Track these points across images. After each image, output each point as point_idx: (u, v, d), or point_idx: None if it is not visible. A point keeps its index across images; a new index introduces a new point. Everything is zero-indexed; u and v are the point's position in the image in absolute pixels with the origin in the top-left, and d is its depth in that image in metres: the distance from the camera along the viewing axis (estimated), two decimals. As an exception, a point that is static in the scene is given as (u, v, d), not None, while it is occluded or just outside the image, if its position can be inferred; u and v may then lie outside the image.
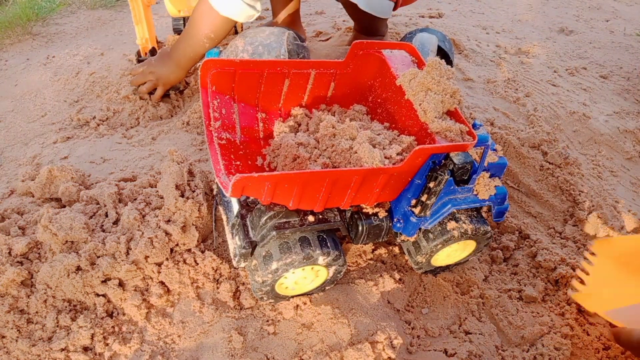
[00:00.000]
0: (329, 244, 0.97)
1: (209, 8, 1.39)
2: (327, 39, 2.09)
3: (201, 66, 0.93)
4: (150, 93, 1.62)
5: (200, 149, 1.49)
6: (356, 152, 0.88)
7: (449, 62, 1.59)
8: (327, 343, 1.02)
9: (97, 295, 1.07)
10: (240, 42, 1.39)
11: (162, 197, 1.18)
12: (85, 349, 1.01)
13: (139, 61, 1.72)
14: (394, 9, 1.63)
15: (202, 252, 1.14)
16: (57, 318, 1.03)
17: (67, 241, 1.07)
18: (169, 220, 1.11)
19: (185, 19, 1.84)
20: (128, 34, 2.10)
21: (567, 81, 2.06)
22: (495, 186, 1.02)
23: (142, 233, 1.08)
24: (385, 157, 0.88)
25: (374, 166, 0.84)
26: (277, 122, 1.06)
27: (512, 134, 1.63)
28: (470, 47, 2.17)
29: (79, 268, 1.04)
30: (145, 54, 1.70)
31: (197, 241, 1.13)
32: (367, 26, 1.80)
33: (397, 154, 0.90)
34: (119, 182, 1.25)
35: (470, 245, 1.11)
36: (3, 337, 0.99)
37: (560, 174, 1.52)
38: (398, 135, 0.99)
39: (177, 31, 1.85)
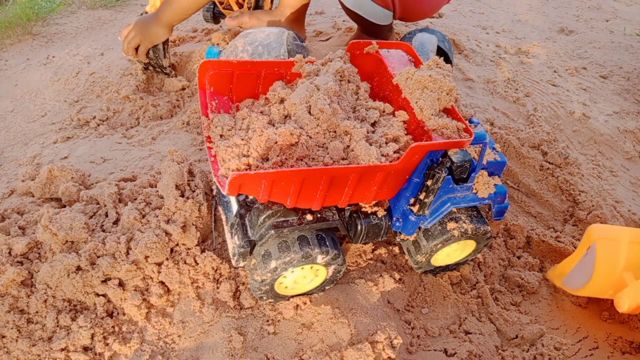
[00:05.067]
0: (327, 243, 0.97)
1: None
2: (327, 39, 2.09)
3: (199, 67, 0.93)
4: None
5: (200, 149, 1.49)
6: (353, 150, 0.88)
7: (449, 61, 1.59)
8: (327, 343, 1.02)
9: (97, 295, 1.07)
10: (240, 42, 1.39)
11: (162, 197, 1.18)
12: (85, 349, 1.01)
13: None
14: (395, 17, 1.63)
15: (202, 252, 1.14)
16: (57, 318, 1.03)
17: (67, 241, 1.08)
18: (169, 220, 1.11)
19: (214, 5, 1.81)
20: (128, 35, 2.10)
21: (567, 81, 2.06)
22: (495, 185, 1.02)
23: (142, 233, 1.09)
24: (382, 155, 0.88)
25: (370, 164, 0.84)
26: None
27: (512, 134, 1.63)
28: (470, 47, 2.17)
29: (79, 268, 1.04)
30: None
31: (197, 241, 1.13)
32: (369, 32, 1.79)
33: (394, 152, 0.90)
34: (119, 182, 1.25)
35: (470, 245, 1.11)
36: (3, 337, 0.99)
37: (560, 174, 1.52)
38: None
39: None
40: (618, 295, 1.03)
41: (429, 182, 0.91)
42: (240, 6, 1.78)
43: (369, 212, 1.02)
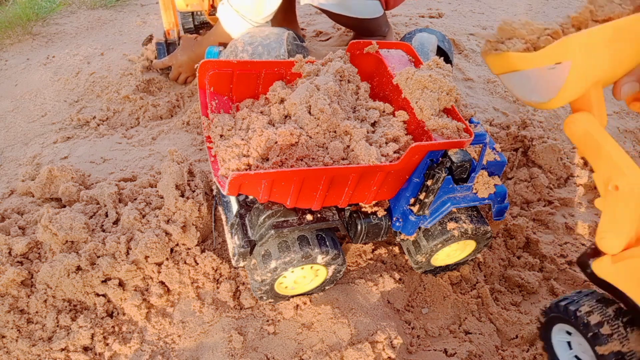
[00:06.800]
0: (327, 243, 0.97)
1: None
2: (327, 39, 2.09)
3: (199, 67, 0.93)
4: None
5: (200, 149, 1.49)
6: (353, 150, 0.88)
7: (449, 61, 1.59)
8: (327, 343, 1.02)
9: (97, 295, 1.07)
10: (240, 42, 1.39)
11: (162, 197, 1.18)
12: (85, 349, 1.01)
13: (150, 41, 1.83)
14: (388, 7, 1.62)
15: (202, 252, 1.14)
16: (57, 318, 1.03)
17: (67, 241, 1.08)
18: (169, 220, 1.11)
19: (194, 14, 1.85)
20: (128, 34, 2.10)
21: (567, 81, 2.06)
22: (495, 184, 1.02)
23: (142, 233, 1.09)
24: (382, 155, 0.88)
25: (370, 164, 0.84)
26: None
27: (512, 133, 1.63)
28: (470, 47, 2.17)
29: (79, 268, 1.04)
30: (169, 34, 1.80)
31: (197, 241, 1.13)
32: (365, 32, 1.79)
33: (394, 152, 0.90)
34: (119, 182, 1.25)
35: (470, 245, 1.11)
36: (3, 337, 0.99)
37: (560, 174, 1.52)
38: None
39: (187, 30, 1.87)
40: (568, 120, 0.85)
41: (429, 182, 0.91)
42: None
43: (369, 212, 1.02)
